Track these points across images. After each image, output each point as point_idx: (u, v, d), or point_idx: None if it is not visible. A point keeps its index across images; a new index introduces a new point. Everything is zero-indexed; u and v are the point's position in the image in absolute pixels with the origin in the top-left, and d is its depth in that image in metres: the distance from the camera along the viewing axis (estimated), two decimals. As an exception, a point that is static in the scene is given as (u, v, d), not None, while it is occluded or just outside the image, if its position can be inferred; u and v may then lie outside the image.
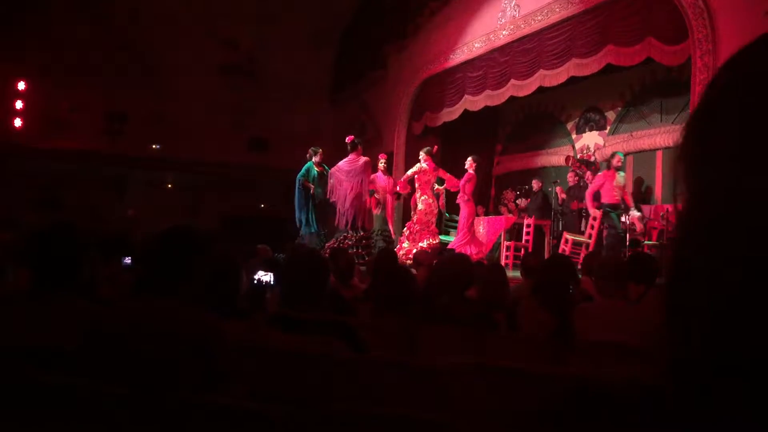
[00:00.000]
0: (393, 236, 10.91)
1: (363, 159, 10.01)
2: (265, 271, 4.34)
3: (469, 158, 10.53)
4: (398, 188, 10.79)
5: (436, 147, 10.72)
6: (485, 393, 2.05)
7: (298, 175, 10.46)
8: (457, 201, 10.56)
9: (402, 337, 2.86)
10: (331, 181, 10.09)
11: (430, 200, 10.30)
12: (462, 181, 10.33)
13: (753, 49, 0.49)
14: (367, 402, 1.88)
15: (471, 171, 10.40)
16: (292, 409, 1.62)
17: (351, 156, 10.02)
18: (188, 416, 1.60)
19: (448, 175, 10.44)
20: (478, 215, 11.69)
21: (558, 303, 3.26)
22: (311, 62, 16.66)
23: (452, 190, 10.59)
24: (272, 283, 4.26)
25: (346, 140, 10.13)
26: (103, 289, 3.50)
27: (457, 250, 9.08)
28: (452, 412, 1.95)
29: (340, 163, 10.11)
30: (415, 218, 10.40)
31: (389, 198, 11.01)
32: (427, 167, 10.26)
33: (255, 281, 4.26)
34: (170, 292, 1.85)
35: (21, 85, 14.37)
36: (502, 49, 10.91)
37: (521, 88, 10.50)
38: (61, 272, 2.13)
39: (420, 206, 10.34)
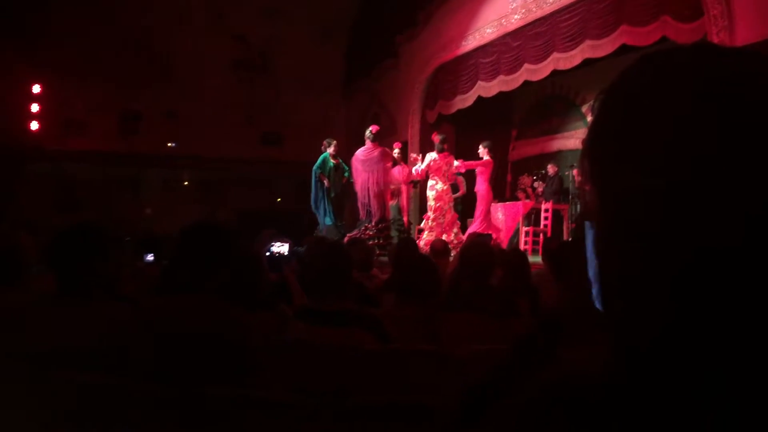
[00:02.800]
0: (407, 226, 10.89)
1: (379, 149, 9.97)
2: (281, 241, 4.35)
3: (481, 146, 10.48)
4: (418, 177, 10.74)
5: (436, 137, 10.59)
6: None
7: (314, 167, 10.47)
8: (475, 189, 10.53)
9: (425, 327, 2.86)
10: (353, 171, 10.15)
11: (437, 186, 10.18)
12: (478, 167, 10.31)
13: (644, 63, 0.56)
14: (394, 392, 1.89)
15: (487, 157, 10.35)
16: (320, 400, 1.62)
17: (368, 145, 9.98)
18: (218, 409, 1.61)
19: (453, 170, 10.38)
20: (494, 201, 11.65)
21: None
22: (322, 54, 16.64)
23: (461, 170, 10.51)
24: (287, 254, 4.27)
25: (372, 129, 10.08)
26: (127, 287, 3.53)
27: (474, 238, 9.04)
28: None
29: (358, 152, 10.11)
30: (429, 206, 10.39)
31: (404, 188, 10.99)
32: (437, 157, 10.18)
33: (270, 254, 4.27)
34: (196, 287, 1.86)
35: (36, 89, 14.49)
36: (515, 34, 10.80)
37: (535, 72, 10.41)
38: (86, 273, 2.14)
39: (430, 192, 10.28)
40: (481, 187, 10.46)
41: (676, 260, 0.48)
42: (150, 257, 4.58)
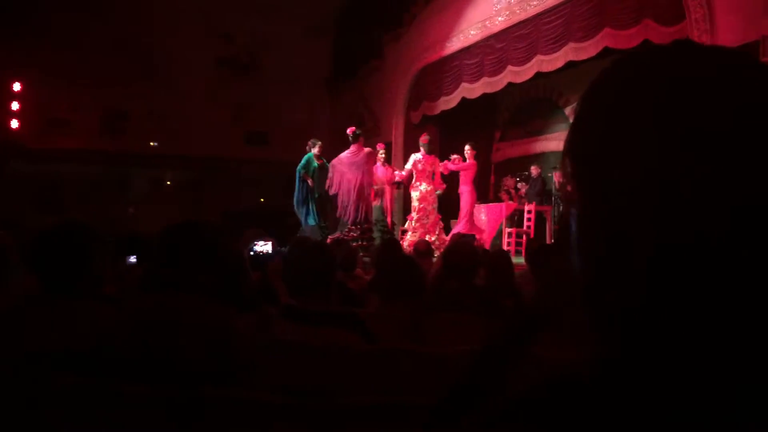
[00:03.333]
0: (391, 227, 10.91)
1: (365, 150, 9.98)
2: (264, 240, 4.36)
3: (467, 146, 10.53)
4: (399, 179, 10.81)
5: (425, 137, 10.66)
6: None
7: (298, 167, 10.44)
8: (459, 191, 10.57)
9: (410, 326, 2.86)
10: (331, 174, 10.04)
11: (422, 187, 10.28)
12: (462, 168, 10.38)
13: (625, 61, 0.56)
14: (380, 392, 1.89)
15: (471, 159, 10.42)
16: (305, 400, 1.63)
17: (352, 148, 9.96)
18: (203, 410, 1.61)
19: (439, 170, 10.46)
20: (478, 202, 11.70)
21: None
22: (308, 53, 16.61)
23: (439, 188, 10.58)
24: (270, 252, 4.28)
25: (348, 132, 10.08)
26: (110, 287, 3.51)
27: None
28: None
29: (342, 155, 10.06)
30: (413, 207, 10.45)
31: (387, 189, 11.00)
32: (422, 158, 10.28)
33: (253, 253, 4.26)
34: (180, 286, 1.85)
35: (17, 86, 14.31)
36: (498, 36, 10.87)
37: (519, 74, 10.47)
38: (69, 273, 2.12)
39: (414, 193, 10.37)
40: (465, 188, 10.51)
41: (660, 259, 0.48)
42: (133, 259, 4.53)
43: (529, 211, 10.98)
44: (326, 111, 17.27)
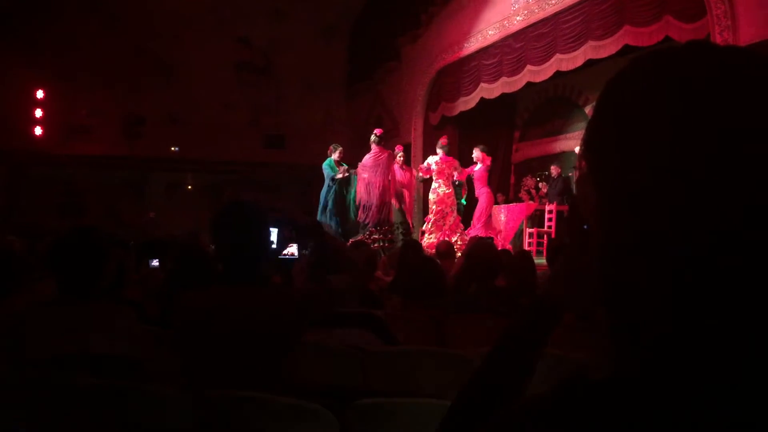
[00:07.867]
0: (412, 229, 10.88)
1: (386, 152, 9.99)
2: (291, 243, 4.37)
3: (477, 151, 10.42)
4: (422, 174, 10.77)
5: (444, 140, 10.63)
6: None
7: (330, 174, 10.42)
8: (476, 194, 10.51)
9: (432, 328, 2.85)
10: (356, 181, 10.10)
11: (440, 189, 10.24)
12: (477, 173, 10.33)
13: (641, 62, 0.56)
14: (401, 393, 1.88)
15: (481, 163, 10.34)
16: (327, 401, 1.62)
17: (375, 150, 9.94)
18: (228, 411, 1.61)
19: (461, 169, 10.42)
20: (498, 203, 11.64)
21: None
22: (325, 56, 16.66)
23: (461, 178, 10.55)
24: (296, 254, 4.28)
25: (376, 132, 10.05)
26: (132, 291, 3.53)
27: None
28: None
29: (364, 160, 10.06)
30: (430, 209, 10.42)
31: (406, 191, 10.98)
32: (440, 159, 10.25)
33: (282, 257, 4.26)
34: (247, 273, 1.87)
35: (40, 94, 14.53)
36: (517, 35, 10.80)
37: (537, 73, 10.39)
38: (86, 277, 2.13)
39: (431, 195, 10.34)
40: (482, 191, 10.42)
41: (679, 255, 0.47)
42: (155, 263, 4.56)
43: (550, 211, 10.91)
44: (343, 113, 17.30)
